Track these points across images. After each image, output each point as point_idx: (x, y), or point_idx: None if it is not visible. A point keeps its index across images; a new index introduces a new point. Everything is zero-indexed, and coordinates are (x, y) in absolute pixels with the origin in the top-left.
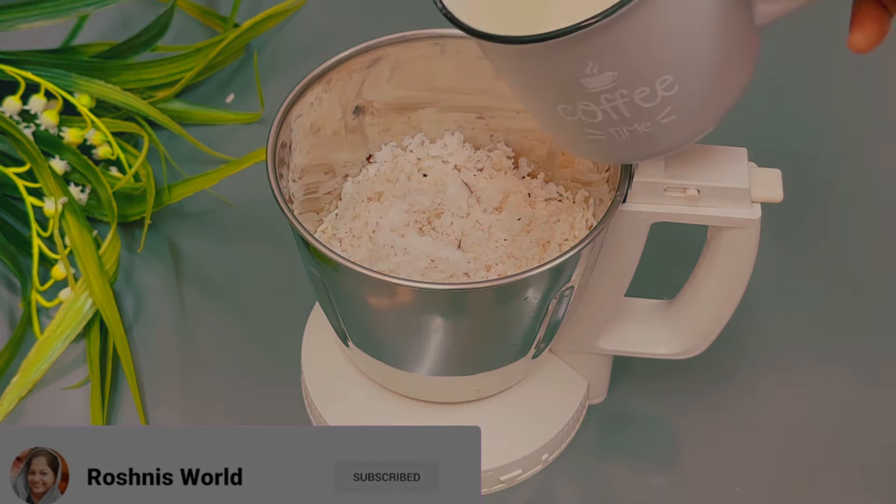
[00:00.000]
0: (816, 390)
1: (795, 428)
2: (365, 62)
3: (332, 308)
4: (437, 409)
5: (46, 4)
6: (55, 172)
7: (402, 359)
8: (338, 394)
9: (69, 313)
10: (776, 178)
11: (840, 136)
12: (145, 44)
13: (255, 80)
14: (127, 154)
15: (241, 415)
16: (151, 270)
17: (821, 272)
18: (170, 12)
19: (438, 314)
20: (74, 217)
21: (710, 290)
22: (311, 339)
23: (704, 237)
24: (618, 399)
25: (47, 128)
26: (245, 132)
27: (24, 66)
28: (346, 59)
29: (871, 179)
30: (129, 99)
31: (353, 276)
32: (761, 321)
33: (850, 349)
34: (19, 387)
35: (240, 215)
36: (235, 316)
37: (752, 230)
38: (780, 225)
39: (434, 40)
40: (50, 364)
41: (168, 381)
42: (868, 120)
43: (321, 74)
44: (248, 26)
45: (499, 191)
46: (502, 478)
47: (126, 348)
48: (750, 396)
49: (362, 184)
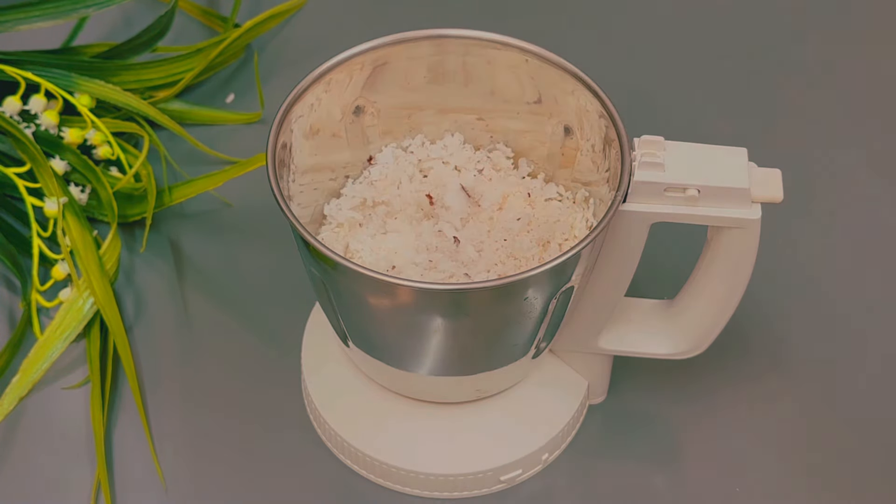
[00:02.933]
0: (817, 390)
1: (795, 428)
2: (365, 63)
3: (332, 308)
4: (437, 409)
5: (47, 5)
6: (55, 172)
7: (402, 359)
8: (338, 394)
9: (69, 313)
10: (776, 178)
11: (840, 136)
12: (146, 44)
13: (255, 80)
14: (127, 154)
15: (241, 415)
16: (152, 270)
17: (821, 272)
18: (171, 13)
19: (438, 314)
20: (75, 217)
21: (710, 290)
22: (311, 339)
23: (704, 237)
24: (618, 399)
25: (47, 128)
26: (245, 132)
27: (24, 66)
28: (346, 60)
29: (871, 179)
30: (130, 99)
31: (353, 276)
32: (761, 321)
33: (851, 349)
34: (19, 387)
35: (240, 215)
36: (236, 316)
37: (752, 230)
38: (780, 225)
39: (434, 41)
40: (50, 364)
41: (168, 381)
42: (868, 120)
43: (321, 75)
44: (248, 26)
45: (499, 191)
46: (502, 478)
47: (126, 348)
48: (750, 396)
49: (364, 188)
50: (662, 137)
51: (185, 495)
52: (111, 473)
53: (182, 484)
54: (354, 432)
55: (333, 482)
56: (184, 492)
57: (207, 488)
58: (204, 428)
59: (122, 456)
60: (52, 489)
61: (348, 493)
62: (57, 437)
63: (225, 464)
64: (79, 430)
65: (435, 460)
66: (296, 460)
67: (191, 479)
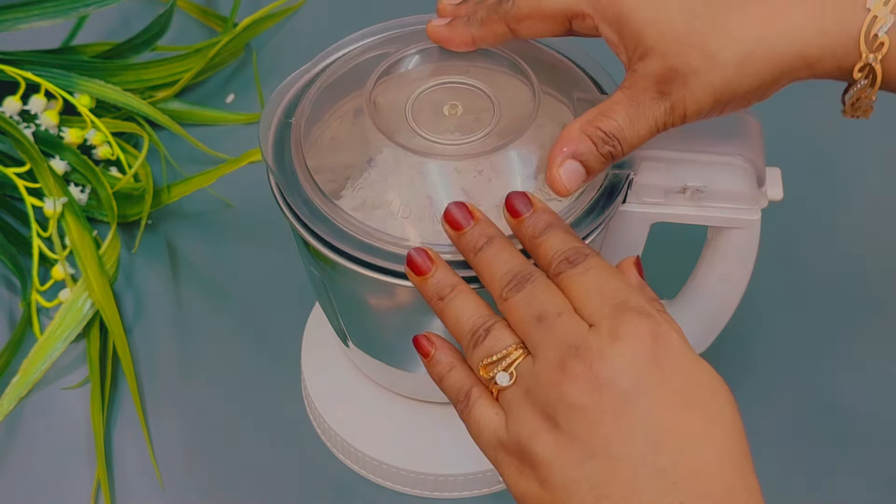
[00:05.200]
0: (817, 390)
1: (795, 427)
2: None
3: (331, 308)
4: (437, 409)
5: (46, 4)
6: (55, 172)
7: (402, 359)
8: (338, 394)
9: (69, 313)
10: (776, 178)
11: (841, 136)
12: (145, 44)
13: (254, 80)
14: (127, 154)
15: (240, 415)
16: (151, 270)
17: (821, 272)
18: (169, 12)
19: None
20: (74, 217)
21: (710, 290)
22: (311, 339)
23: (704, 237)
24: None
25: (47, 128)
26: (245, 132)
27: (24, 66)
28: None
29: (871, 178)
30: (129, 99)
31: (352, 276)
32: (761, 321)
33: (851, 348)
34: (19, 387)
35: (240, 215)
36: (235, 316)
37: (752, 230)
38: (780, 225)
39: None
40: (50, 364)
41: (168, 380)
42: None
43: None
44: (246, 24)
45: (498, 192)
46: None
47: (126, 348)
48: (750, 396)
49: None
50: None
51: (184, 495)
52: (111, 473)
53: (181, 484)
54: (354, 432)
55: (333, 482)
56: (183, 491)
57: (206, 488)
58: (203, 427)
59: (121, 456)
60: (52, 489)
61: (348, 492)
62: (57, 437)
63: (224, 463)
64: (79, 430)
65: (434, 460)
66: (295, 460)
67: (190, 478)
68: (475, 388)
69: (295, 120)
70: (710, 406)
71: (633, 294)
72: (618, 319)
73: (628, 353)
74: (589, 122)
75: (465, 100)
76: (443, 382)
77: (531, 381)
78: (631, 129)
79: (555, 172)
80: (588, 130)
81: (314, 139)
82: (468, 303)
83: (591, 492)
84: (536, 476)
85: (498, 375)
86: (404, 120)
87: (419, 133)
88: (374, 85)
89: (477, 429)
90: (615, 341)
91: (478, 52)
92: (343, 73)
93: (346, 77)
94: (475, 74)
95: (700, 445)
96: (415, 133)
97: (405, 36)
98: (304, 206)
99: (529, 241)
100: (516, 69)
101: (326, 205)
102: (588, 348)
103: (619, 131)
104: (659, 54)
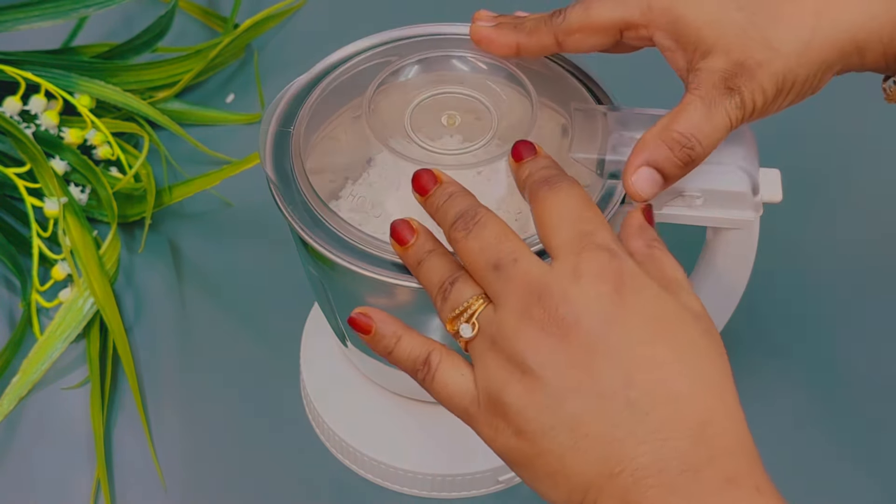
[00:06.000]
0: (817, 390)
1: (795, 427)
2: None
3: (330, 308)
4: (437, 409)
5: (47, 5)
6: (55, 173)
7: None
8: (337, 394)
9: (69, 313)
10: (776, 178)
11: (841, 136)
12: (146, 44)
13: (255, 80)
14: (127, 154)
15: (240, 415)
16: (151, 270)
17: (821, 272)
18: (171, 13)
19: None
20: (74, 217)
21: (709, 290)
22: (311, 339)
23: (703, 238)
24: None
25: (48, 128)
26: (245, 132)
27: (24, 66)
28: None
29: (871, 178)
30: (130, 99)
31: (351, 276)
32: (761, 321)
33: (851, 348)
34: (19, 387)
35: (240, 215)
36: (235, 316)
37: (752, 230)
38: (779, 225)
39: (433, 40)
40: (50, 364)
41: (168, 381)
42: (869, 119)
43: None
44: (248, 26)
45: (497, 192)
46: (500, 478)
47: (126, 348)
48: (749, 396)
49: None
50: None
51: (184, 495)
52: (111, 473)
53: (181, 483)
54: (353, 432)
55: (332, 482)
56: (183, 491)
57: (206, 488)
58: (203, 427)
59: (121, 456)
60: (52, 489)
61: (347, 492)
62: (57, 437)
63: (224, 463)
64: (79, 429)
65: (433, 460)
66: (294, 460)
67: (190, 478)
68: (433, 352)
69: (294, 128)
70: (678, 334)
71: (601, 228)
72: (581, 256)
73: (591, 292)
74: (664, 127)
75: (463, 109)
76: (393, 356)
77: (494, 331)
78: (709, 125)
79: (629, 180)
80: (663, 136)
81: (313, 146)
82: (440, 262)
83: (568, 435)
84: (512, 428)
85: (461, 327)
86: (402, 128)
87: (416, 141)
88: (374, 92)
89: (445, 393)
90: (577, 280)
91: (477, 64)
92: (342, 82)
93: (346, 85)
94: (473, 85)
95: (670, 373)
96: (412, 141)
97: (405, 45)
98: (304, 211)
99: (523, 181)
100: (514, 80)
101: (324, 210)
102: (550, 292)
103: (698, 129)
104: (722, 51)
